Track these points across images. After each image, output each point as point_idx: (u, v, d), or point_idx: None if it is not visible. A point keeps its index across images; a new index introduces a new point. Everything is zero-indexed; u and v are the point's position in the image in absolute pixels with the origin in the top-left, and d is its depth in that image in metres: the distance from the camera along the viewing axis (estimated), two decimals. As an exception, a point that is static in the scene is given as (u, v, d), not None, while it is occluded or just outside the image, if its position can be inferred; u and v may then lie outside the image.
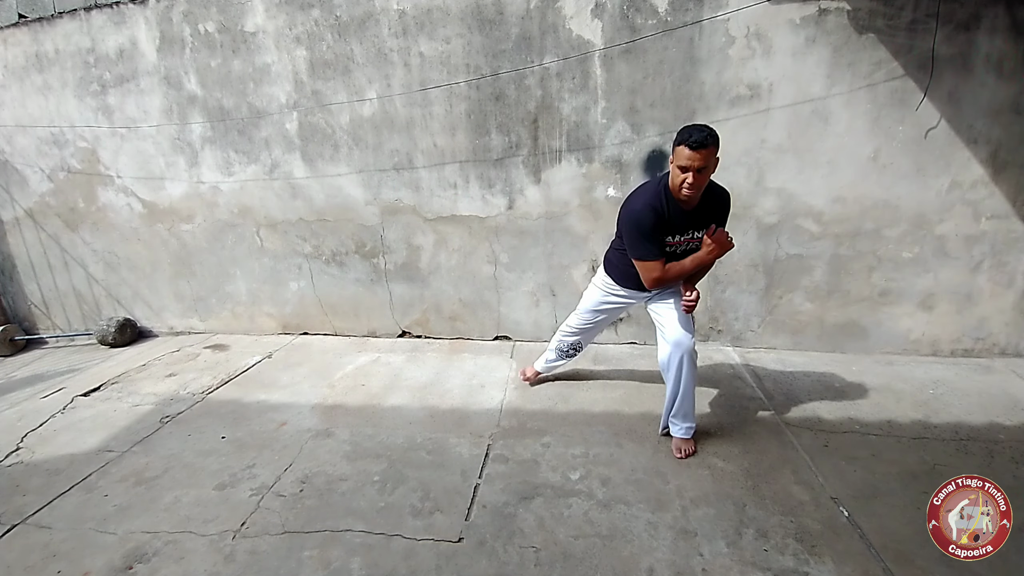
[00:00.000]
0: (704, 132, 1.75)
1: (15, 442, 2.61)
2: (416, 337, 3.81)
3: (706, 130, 1.75)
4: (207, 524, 1.94)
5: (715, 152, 1.78)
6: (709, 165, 1.78)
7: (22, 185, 4.00)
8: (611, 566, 1.67)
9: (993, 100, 2.75)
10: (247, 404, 2.88)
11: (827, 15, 2.74)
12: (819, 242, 3.09)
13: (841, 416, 2.51)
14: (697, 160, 1.74)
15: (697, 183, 1.79)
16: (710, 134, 1.75)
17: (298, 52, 3.31)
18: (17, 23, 3.61)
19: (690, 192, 1.82)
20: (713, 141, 1.75)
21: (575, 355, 2.77)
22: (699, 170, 1.76)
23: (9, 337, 4.19)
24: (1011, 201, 2.88)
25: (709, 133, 1.75)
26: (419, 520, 1.91)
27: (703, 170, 1.77)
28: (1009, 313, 3.07)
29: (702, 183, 1.82)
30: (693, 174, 1.77)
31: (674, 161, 1.83)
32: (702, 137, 1.73)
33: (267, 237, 3.80)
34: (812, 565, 1.65)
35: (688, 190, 1.81)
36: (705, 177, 1.81)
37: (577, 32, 2.97)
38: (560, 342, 2.71)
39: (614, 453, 2.27)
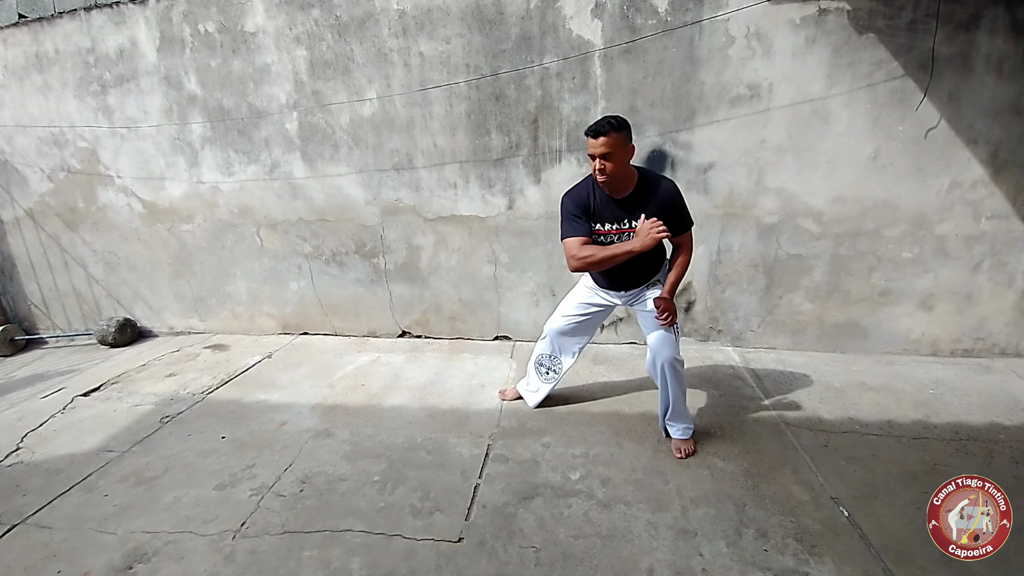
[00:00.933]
0: (604, 120, 1.85)
1: (15, 442, 2.61)
2: (416, 337, 3.81)
3: (607, 119, 1.86)
4: (207, 524, 1.94)
5: (617, 139, 1.84)
6: (614, 151, 1.84)
7: (22, 185, 4.01)
8: (611, 566, 1.67)
9: (993, 100, 2.75)
10: (247, 404, 2.88)
11: (827, 15, 2.74)
12: (819, 242, 3.09)
13: (841, 416, 2.51)
14: (597, 147, 1.84)
15: (607, 170, 1.87)
16: (609, 122, 1.84)
17: (298, 52, 3.31)
18: (17, 23, 3.62)
19: (602, 178, 1.91)
20: (612, 128, 1.83)
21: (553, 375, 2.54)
22: (604, 156, 1.85)
23: (9, 337, 4.19)
24: (1011, 201, 2.88)
25: (608, 121, 1.84)
26: (419, 520, 1.91)
27: (608, 156, 1.85)
28: (1009, 313, 3.07)
29: (612, 170, 1.88)
30: (599, 160, 1.86)
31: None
32: (599, 125, 1.84)
33: (267, 237, 3.80)
34: (812, 565, 1.65)
35: (600, 176, 1.90)
36: (615, 164, 1.87)
37: (577, 32, 2.97)
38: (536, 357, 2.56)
39: (614, 453, 2.27)
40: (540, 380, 2.59)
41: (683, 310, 3.38)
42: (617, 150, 1.85)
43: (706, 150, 3.04)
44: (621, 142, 1.85)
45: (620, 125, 1.85)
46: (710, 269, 3.26)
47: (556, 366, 2.52)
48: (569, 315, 2.40)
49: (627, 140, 1.87)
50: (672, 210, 1.98)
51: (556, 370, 2.53)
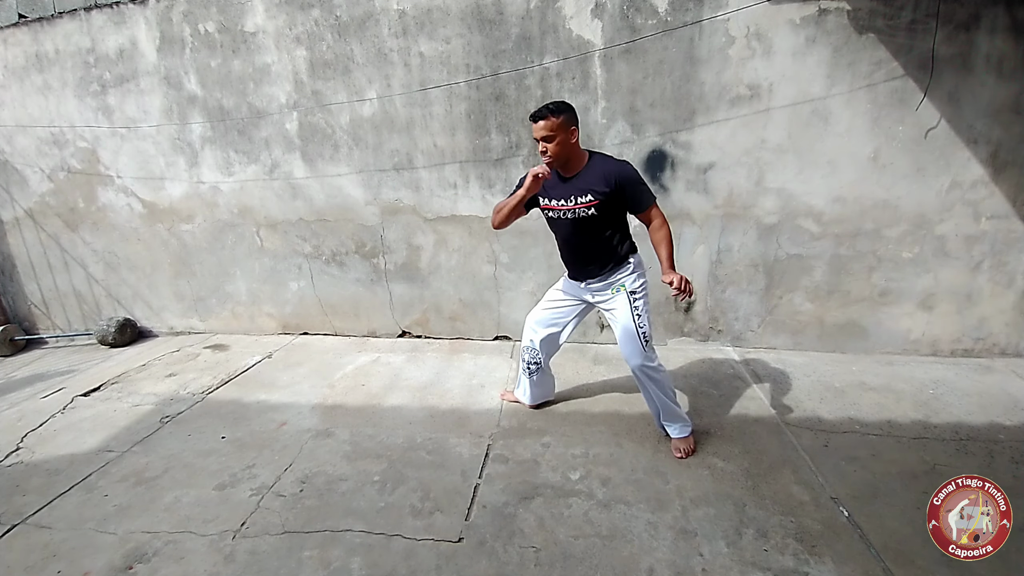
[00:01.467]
0: (544, 106, 1.95)
1: (15, 442, 2.61)
2: (416, 337, 3.81)
3: (548, 104, 1.95)
4: (207, 524, 1.94)
5: (556, 123, 1.91)
6: (555, 134, 1.92)
7: (22, 185, 4.00)
8: (611, 566, 1.67)
9: (993, 100, 2.75)
10: (247, 404, 2.88)
11: (827, 15, 2.74)
12: (819, 242, 3.09)
13: (841, 416, 2.51)
14: (538, 131, 1.94)
15: (548, 151, 1.96)
16: (548, 107, 1.93)
17: (298, 52, 3.31)
18: (17, 23, 3.62)
19: (546, 159, 1.99)
20: (551, 113, 1.91)
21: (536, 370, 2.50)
22: (545, 139, 1.94)
23: (9, 337, 4.19)
24: (1011, 201, 2.88)
25: (547, 106, 1.94)
26: (419, 520, 1.91)
27: (549, 138, 1.93)
28: (1009, 313, 3.07)
29: (555, 152, 1.96)
30: (542, 143, 1.96)
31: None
32: (540, 110, 1.94)
33: (267, 237, 3.80)
34: (812, 565, 1.65)
35: (545, 157, 1.99)
36: (557, 146, 1.94)
37: (577, 32, 2.97)
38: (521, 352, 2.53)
39: (614, 453, 2.27)
40: (523, 375, 2.56)
41: (683, 310, 3.38)
42: (557, 132, 1.92)
43: (706, 150, 3.04)
44: (561, 125, 1.92)
45: (559, 109, 1.93)
46: (710, 269, 3.26)
47: (535, 359, 2.47)
48: (545, 303, 2.43)
49: (568, 123, 1.94)
50: (624, 187, 1.99)
51: (536, 362, 2.48)
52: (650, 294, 2.23)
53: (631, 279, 2.13)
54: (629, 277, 2.14)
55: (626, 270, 2.15)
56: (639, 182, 2.03)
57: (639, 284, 2.14)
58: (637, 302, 2.11)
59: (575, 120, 1.97)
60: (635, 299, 2.11)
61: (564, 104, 1.96)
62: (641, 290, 2.13)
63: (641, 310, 2.11)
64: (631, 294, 2.11)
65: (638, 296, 2.12)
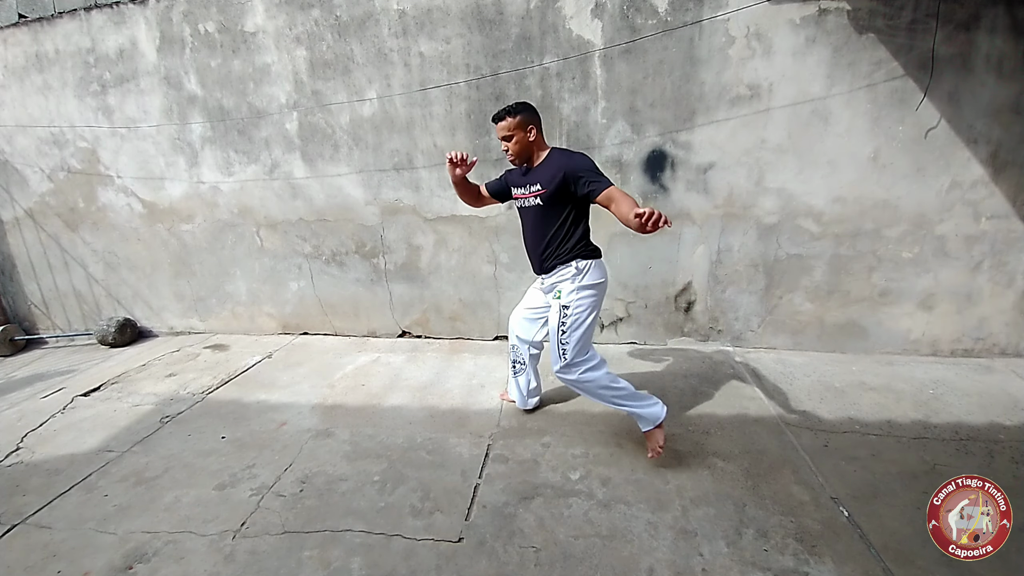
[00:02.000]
0: (504, 107, 2.07)
1: (15, 442, 2.61)
2: (416, 337, 3.81)
3: (508, 106, 2.08)
4: (207, 524, 1.94)
5: (513, 123, 2.04)
6: (513, 134, 2.05)
7: (22, 185, 4.00)
8: (611, 566, 1.67)
9: (993, 100, 2.75)
10: (247, 404, 2.88)
11: (827, 15, 2.74)
12: (819, 242, 3.09)
13: (841, 416, 2.51)
14: (499, 131, 2.07)
15: (510, 149, 2.09)
16: (507, 109, 2.06)
17: (298, 52, 3.31)
18: (17, 23, 3.62)
19: (510, 158, 2.13)
20: (508, 114, 2.04)
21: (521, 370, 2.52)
22: (505, 138, 2.07)
23: (9, 337, 4.19)
24: (1011, 201, 2.88)
25: (506, 108, 2.06)
26: (419, 520, 1.91)
27: (508, 138, 2.06)
28: (1009, 313, 3.07)
29: (517, 150, 2.08)
30: (503, 142, 2.09)
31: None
32: (499, 112, 2.06)
33: (267, 237, 3.80)
34: (812, 565, 1.65)
35: (509, 156, 2.12)
36: (519, 144, 2.07)
37: (577, 32, 2.97)
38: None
39: (614, 453, 2.27)
40: (509, 374, 2.58)
41: (683, 310, 3.38)
42: (515, 132, 2.05)
43: (706, 150, 3.04)
44: (518, 125, 2.04)
45: (516, 111, 2.04)
46: (710, 269, 3.26)
47: (518, 357, 2.51)
48: (524, 301, 2.47)
49: (525, 123, 2.05)
50: (569, 176, 2.01)
51: (520, 361, 2.51)
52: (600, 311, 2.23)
53: (568, 287, 2.09)
54: (567, 284, 2.09)
55: (566, 272, 2.10)
56: (588, 170, 2.01)
57: (577, 297, 2.07)
58: (566, 319, 2.07)
59: (534, 120, 2.07)
60: (565, 314, 2.08)
61: (523, 105, 2.08)
62: (576, 306, 2.07)
63: (569, 326, 2.07)
64: (563, 308, 2.08)
65: (569, 314, 2.08)
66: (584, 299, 2.09)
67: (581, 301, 2.09)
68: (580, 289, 2.09)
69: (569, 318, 2.08)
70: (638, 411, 2.16)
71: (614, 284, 3.40)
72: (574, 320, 2.08)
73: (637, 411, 2.17)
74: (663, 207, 3.19)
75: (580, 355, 2.13)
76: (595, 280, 2.12)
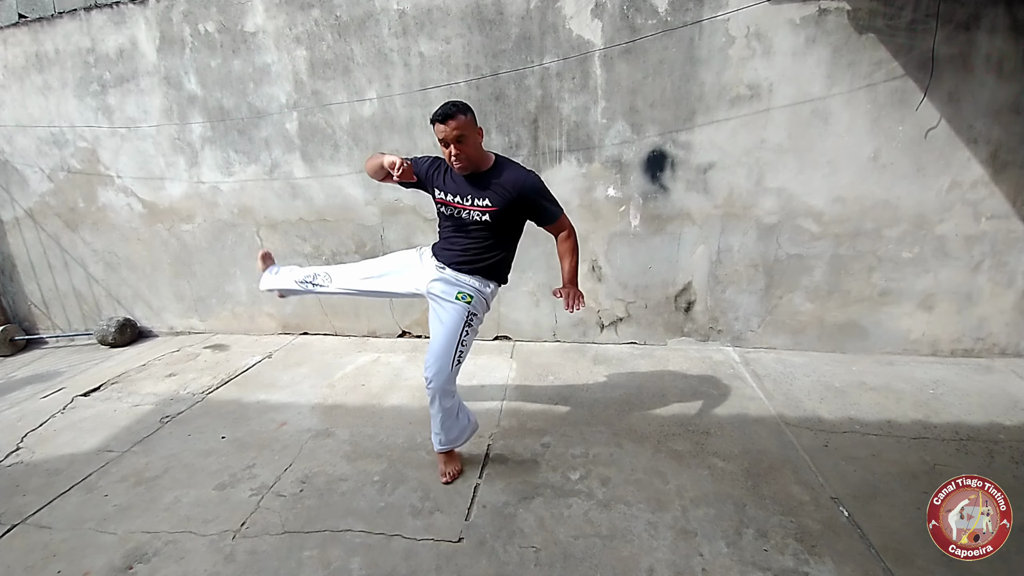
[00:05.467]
0: (447, 105, 1.79)
1: (15, 442, 2.61)
2: (416, 337, 3.81)
3: (450, 102, 1.80)
4: (207, 524, 1.94)
5: (466, 121, 1.79)
6: (464, 134, 1.78)
7: (22, 185, 4.00)
8: (611, 566, 1.67)
9: (993, 100, 2.75)
10: (247, 404, 2.88)
11: (827, 15, 2.74)
12: (819, 242, 3.09)
13: (841, 416, 2.51)
14: (449, 131, 1.78)
15: (462, 154, 1.82)
16: (454, 104, 1.79)
17: (298, 52, 3.31)
18: (17, 23, 3.61)
19: (459, 165, 1.85)
20: (459, 111, 1.78)
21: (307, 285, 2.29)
22: (457, 140, 1.79)
23: (9, 337, 4.19)
24: (1011, 201, 2.89)
25: (452, 103, 1.79)
26: (419, 520, 1.91)
27: (461, 139, 1.79)
28: (1009, 313, 3.07)
29: (466, 152, 1.82)
30: (454, 146, 1.80)
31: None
32: (444, 110, 1.78)
33: (267, 237, 3.80)
34: (812, 565, 1.65)
35: (455, 161, 1.84)
36: (467, 146, 1.81)
37: (577, 32, 2.97)
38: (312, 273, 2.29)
39: (614, 453, 2.27)
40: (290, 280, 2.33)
41: (683, 310, 3.38)
42: (468, 131, 1.80)
43: (706, 150, 3.04)
44: (469, 124, 1.80)
45: (465, 108, 1.81)
46: (710, 269, 3.26)
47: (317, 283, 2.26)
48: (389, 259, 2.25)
49: (474, 122, 1.84)
50: (527, 197, 1.88)
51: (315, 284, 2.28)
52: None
53: (479, 302, 2.01)
54: (478, 297, 2.01)
55: (484, 287, 2.03)
56: (544, 194, 1.92)
57: (481, 312, 2.04)
58: (472, 322, 2.00)
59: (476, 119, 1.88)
60: (471, 319, 1.99)
61: (465, 103, 1.84)
62: (479, 318, 2.03)
63: (471, 331, 2.00)
64: (472, 315, 1.98)
65: (476, 320, 2.01)
66: (484, 314, 2.07)
67: (481, 314, 2.05)
68: (486, 307, 2.06)
69: (475, 323, 2.01)
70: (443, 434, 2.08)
71: (615, 284, 3.41)
72: (475, 329, 2.02)
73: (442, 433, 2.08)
74: (663, 207, 3.19)
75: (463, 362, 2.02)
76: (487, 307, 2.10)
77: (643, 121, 3.06)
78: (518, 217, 1.97)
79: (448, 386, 1.99)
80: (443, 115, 1.77)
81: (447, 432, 2.08)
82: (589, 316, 3.52)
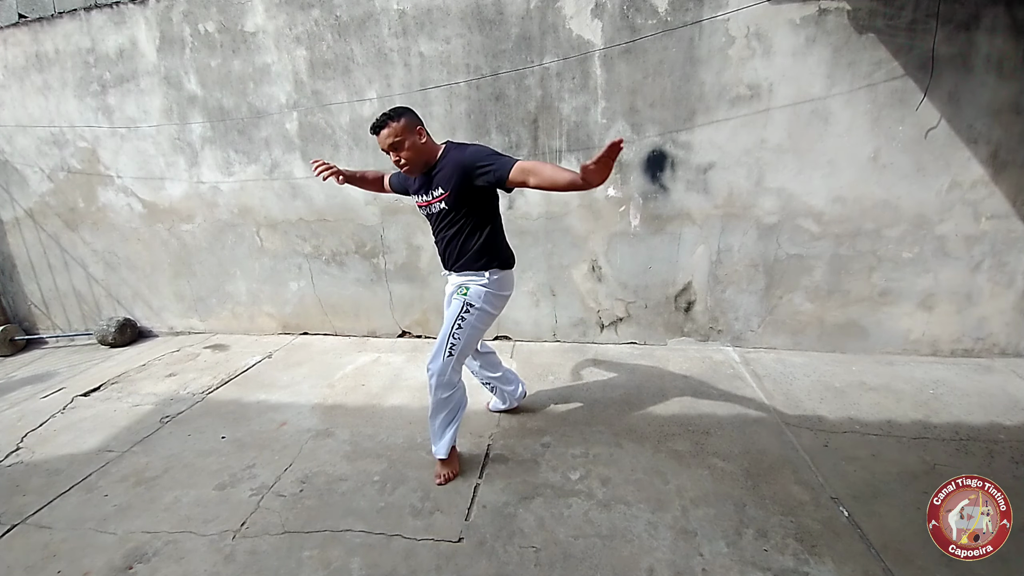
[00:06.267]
0: (380, 116, 1.86)
1: (15, 442, 2.61)
2: (416, 337, 3.81)
3: (383, 113, 1.87)
4: (207, 524, 1.94)
5: (398, 127, 1.84)
6: (401, 139, 1.84)
7: (22, 185, 4.00)
8: (611, 566, 1.67)
9: (993, 100, 2.75)
10: (247, 404, 2.88)
11: (827, 15, 2.74)
12: (819, 242, 3.09)
13: (841, 416, 2.51)
14: (385, 140, 1.86)
15: (403, 159, 1.88)
16: (384, 114, 1.86)
17: (298, 52, 3.31)
18: (17, 23, 3.62)
19: (405, 168, 1.93)
20: (390, 119, 1.84)
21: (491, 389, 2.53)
22: (394, 147, 1.86)
23: (9, 337, 4.19)
24: (1011, 201, 2.88)
25: (384, 114, 1.86)
26: (419, 520, 1.91)
27: (398, 145, 1.85)
28: (1009, 313, 3.07)
29: (411, 156, 1.88)
30: (393, 153, 1.87)
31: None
32: (377, 121, 1.86)
33: (267, 237, 3.80)
34: (812, 565, 1.65)
35: (404, 168, 1.92)
36: (408, 151, 1.87)
37: (577, 32, 2.97)
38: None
39: (614, 453, 2.27)
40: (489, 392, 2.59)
41: (683, 310, 3.38)
42: (404, 135, 1.84)
43: (706, 150, 3.04)
44: (404, 128, 1.84)
45: (398, 114, 1.85)
46: (710, 269, 3.26)
47: (481, 377, 2.48)
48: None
49: (411, 125, 1.86)
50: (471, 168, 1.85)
51: (485, 382, 2.51)
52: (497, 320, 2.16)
53: (478, 291, 2.00)
54: (479, 288, 2.01)
55: (479, 279, 2.02)
56: (485, 158, 1.84)
57: (481, 303, 2.00)
58: (466, 315, 1.99)
59: (417, 120, 1.89)
60: (467, 310, 1.99)
61: (401, 108, 1.89)
62: (479, 309, 2.00)
63: (465, 324, 1.98)
64: (469, 305, 1.99)
65: (471, 311, 1.99)
66: (488, 306, 2.02)
67: (485, 307, 2.01)
68: (488, 296, 2.02)
69: (469, 316, 1.99)
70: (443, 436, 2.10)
71: (615, 284, 3.41)
72: (473, 319, 2.00)
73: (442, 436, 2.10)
74: (663, 207, 3.19)
75: (462, 357, 2.04)
76: (503, 292, 2.07)
77: (643, 121, 3.06)
78: (475, 194, 1.90)
79: (443, 377, 2.00)
80: (376, 127, 1.86)
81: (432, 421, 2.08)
82: (589, 316, 3.52)
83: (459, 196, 1.90)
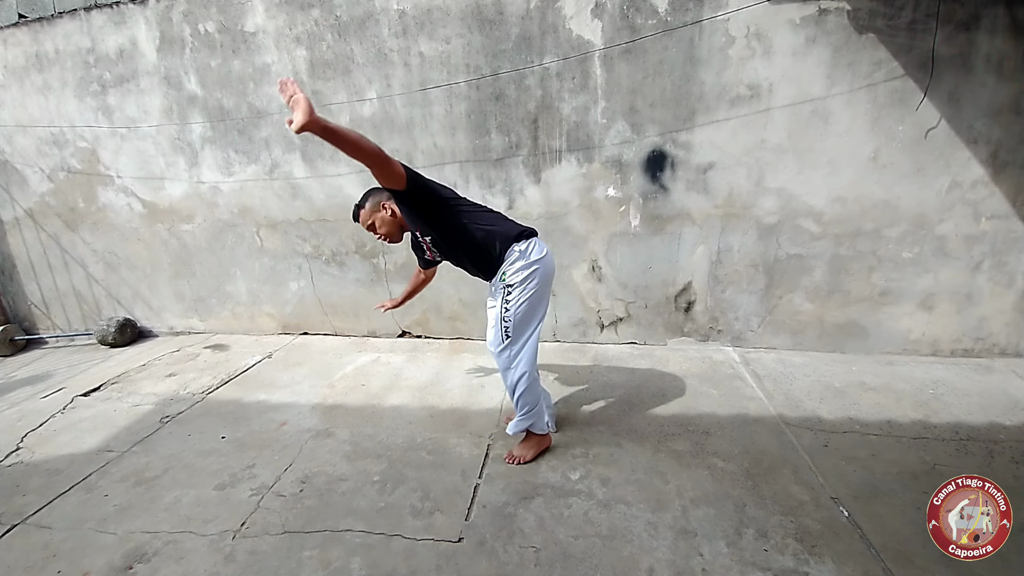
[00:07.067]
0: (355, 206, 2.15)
1: (15, 442, 2.61)
2: (416, 337, 3.81)
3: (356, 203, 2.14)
4: (207, 524, 1.94)
5: (366, 214, 2.11)
6: (372, 221, 2.11)
7: (22, 185, 4.00)
8: (611, 566, 1.67)
9: (993, 100, 2.75)
10: (247, 404, 2.88)
11: (827, 15, 2.74)
12: (819, 242, 3.09)
13: (841, 416, 2.51)
14: (363, 225, 2.14)
15: (382, 234, 2.14)
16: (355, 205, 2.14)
17: (298, 52, 3.31)
18: (17, 23, 3.61)
19: (388, 241, 2.18)
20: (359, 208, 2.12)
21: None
22: (370, 229, 2.13)
23: (9, 337, 4.19)
24: (1011, 201, 2.88)
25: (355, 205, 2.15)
26: (419, 520, 1.91)
27: (372, 227, 2.12)
28: (1009, 313, 3.07)
29: (386, 230, 2.13)
30: (372, 232, 2.14)
31: None
32: (353, 212, 2.16)
33: (267, 237, 3.80)
34: (812, 565, 1.65)
35: (388, 241, 2.17)
36: (384, 225, 2.11)
37: (577, 32, 2.97)
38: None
39: (614, 453, 2.27)
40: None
41: (683, 310, 3.38)
42: (372, 216, 2.10)
43: (706, 150, 3.04)
44: (371, 211, 2.10)
45: (362, 203, 2.12)
46: (710, 269, 3.26)
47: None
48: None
49: (377, 204, 2.10)
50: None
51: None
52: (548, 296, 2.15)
53: (512, 269, 2.03)
54: (511, 268, 2.03)
55: (506, 264, 2.05)
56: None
57: (520, 277, 2.01)
58: (511, 293, 2.02)
59: (380, 197, 2.09)
60: (509, 291, 2.03)
61: (367, 192, 2.12)
62: (520, 283, 2.01)
63: (513, 302, 2.02)
64: (507, 286, 2.03)
65: (513, 288, 2.02)
66: (527, 278, 2.01)
67: (526, 280, 2.01)
68: (525, 267, 2.01)
69: (513, 292, 2.02)
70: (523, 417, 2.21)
71: (615, 284, 3.41)
72: (519, 293, 2.01)
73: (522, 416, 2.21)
74: (663, 207, 3.19)
75: (520, 335, 2.06)
76: (534, 258, 2.04)
77: (643, 121, 3.06)
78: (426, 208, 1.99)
79: (506, 363, 2.11)
80: (353, 218, 2.16)
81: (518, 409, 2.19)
82: (589, 316, 3.52)
83: (424, 224, 2.03)
